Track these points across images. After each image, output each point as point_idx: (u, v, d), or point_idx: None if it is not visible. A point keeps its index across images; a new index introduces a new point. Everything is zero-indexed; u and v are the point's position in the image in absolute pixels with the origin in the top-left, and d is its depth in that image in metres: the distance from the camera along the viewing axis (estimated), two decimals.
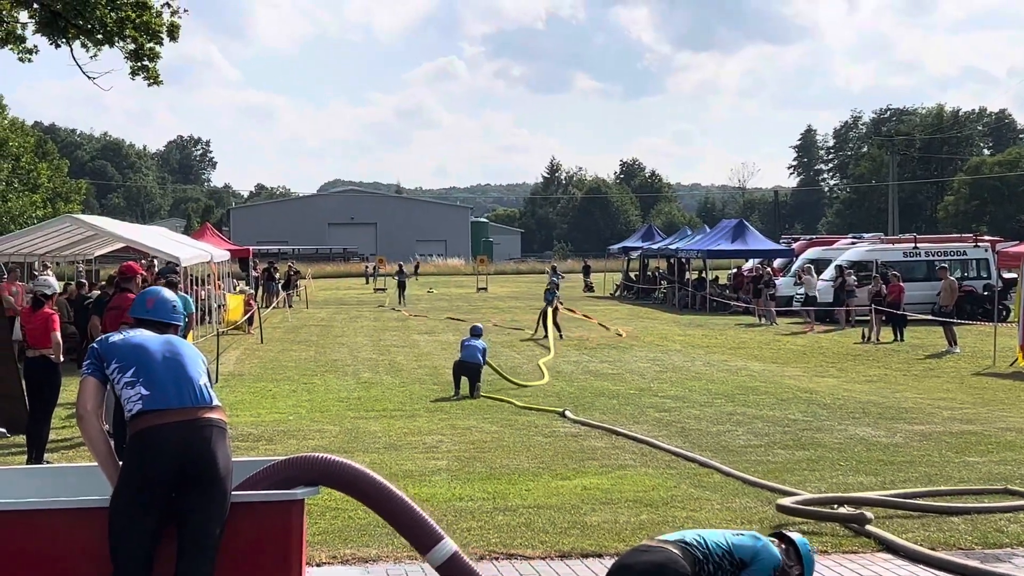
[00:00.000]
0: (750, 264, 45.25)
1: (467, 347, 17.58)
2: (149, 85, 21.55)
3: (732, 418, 14.67)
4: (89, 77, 21.13)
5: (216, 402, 5.46)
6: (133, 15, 20.92)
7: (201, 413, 5.33)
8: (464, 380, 17.23)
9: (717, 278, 44.59)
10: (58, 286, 12.43)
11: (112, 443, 5.57)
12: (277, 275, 45.72)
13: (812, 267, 34.43)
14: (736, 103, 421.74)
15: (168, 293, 6.01)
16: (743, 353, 24.44)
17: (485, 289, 55.95)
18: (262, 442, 12.80)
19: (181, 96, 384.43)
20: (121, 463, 5.32)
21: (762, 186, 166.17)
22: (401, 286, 50.11)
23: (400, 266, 54.25)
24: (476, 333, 18.22)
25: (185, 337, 5.98)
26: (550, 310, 27.99)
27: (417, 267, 76.24)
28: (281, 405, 16.20)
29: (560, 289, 50.05)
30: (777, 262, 42.79)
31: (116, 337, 5.57)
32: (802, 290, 33.93)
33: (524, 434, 13.34)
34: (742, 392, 17.54)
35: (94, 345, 5.56)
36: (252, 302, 33.64)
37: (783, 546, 6.05)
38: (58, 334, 11.80)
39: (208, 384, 5.51)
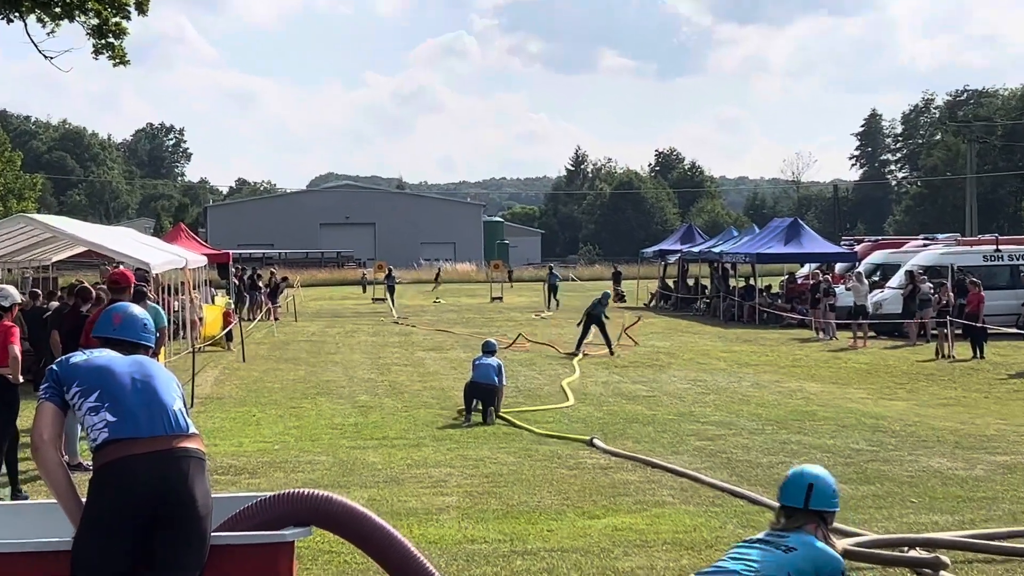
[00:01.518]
0: (805, 270, 45.13)
1: (479, 366, 17.59)
2: (115, 65, 21.66)
3: (786, 448, 14.62)
4: (46, 56, 21.24)
5: (193, 430, 5.48)
6: None
7: (176, 442, 5.35)
8: (477, 405, 17.22)
9: (769, 286, 44.49)
10: (19, 296, 12.46)
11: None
12: (261, 283, 45.84)
13: (861, 272, 34.31)
14: (788, 84, 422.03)
15: (137, 309, 6.03)
16: (798, 372, 24.37)
17: (500, 299, 55.95)
18: (244, 475, 12.82)
19: (151, 78, 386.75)
20: (84, 499, 5.34)
21: (819, 179, 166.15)
22: (391, 291, 50.77)
23: (389, 270, 54.91)
24: (489, 350, 18.22)
25: (156, 356, 6.01)
26: (602, 321, 28.34)
27: (438, 276, 75.95)
28: (266, 432, 16.22)
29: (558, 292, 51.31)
30: (837, 267, 42.67)
31: (78, 357, 5.59)
32: (867, 299, 33.79)
33: (546, 466, 13.33)
34: (797, 417, 17.49)
35: (53, 367, 5.60)
36: (232, 314, 33.72)
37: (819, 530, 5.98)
38: (17, 347, 11.82)
39: (184, 409, 5.53)
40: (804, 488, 5.91)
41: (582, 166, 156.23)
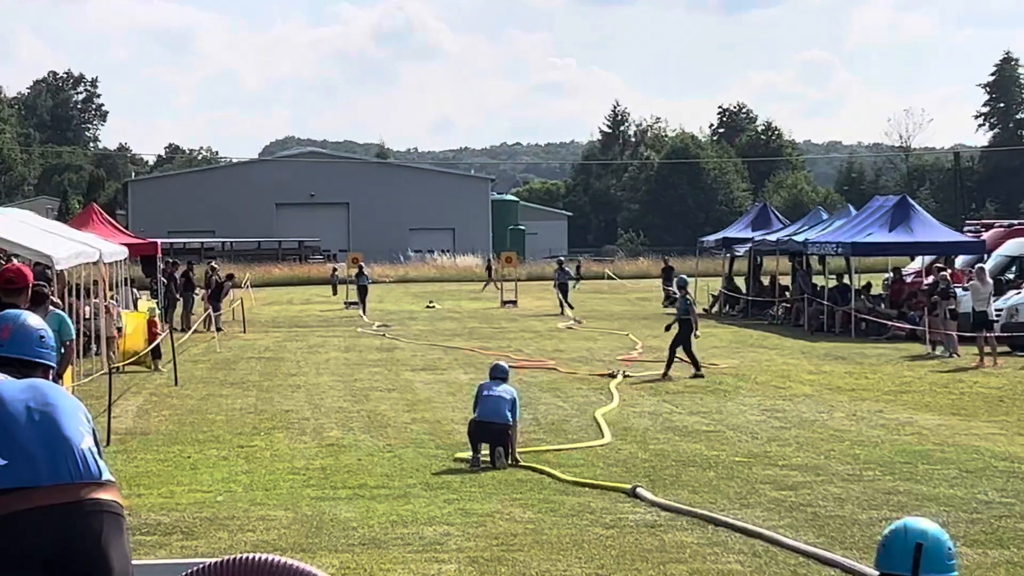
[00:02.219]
0: (917, 264, 45.00)
1: (487, 399, 17.47)
2: None
3: (892, 499, 14.59)
4: None
5: (107, 476, 5.47)
6: None
7: (85, 492, 5.34)
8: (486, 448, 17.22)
9: (869, 286, 44.41)
10: None
11: None
12: (199, 281, 45.91)
13: (984, 267, 34.18)
14: (894, 18, 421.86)
15: (33, 318, 6.03)
16: (908, 400, 24.31)
17: (514, 303, 55.88)
18: (176, 535, 12.82)
19: (54, 14, 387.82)
20: None
21: (936, 145, 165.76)
22: (362, 292, 51.12)
23: (360, 267, 55.35)
24: (500, 375, 18.14)
25: (60, 378, 6.00)
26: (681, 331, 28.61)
27: (491, 269, 73.38)
28: (205, 479, 16.22)
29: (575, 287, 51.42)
30: (959, 260, 42.51)
31: None
32: (1003, 303, 33.69)
33: (574, 524, 13.32)
34: (907, 459, 17.43)
35: None
36: (160, 323, 33.79)
37: None
38: None
39: (94, 449, 5.53)
40: (910, 550, 5.85)
41: (622, 128, 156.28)
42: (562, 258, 65.10)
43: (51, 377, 5.87)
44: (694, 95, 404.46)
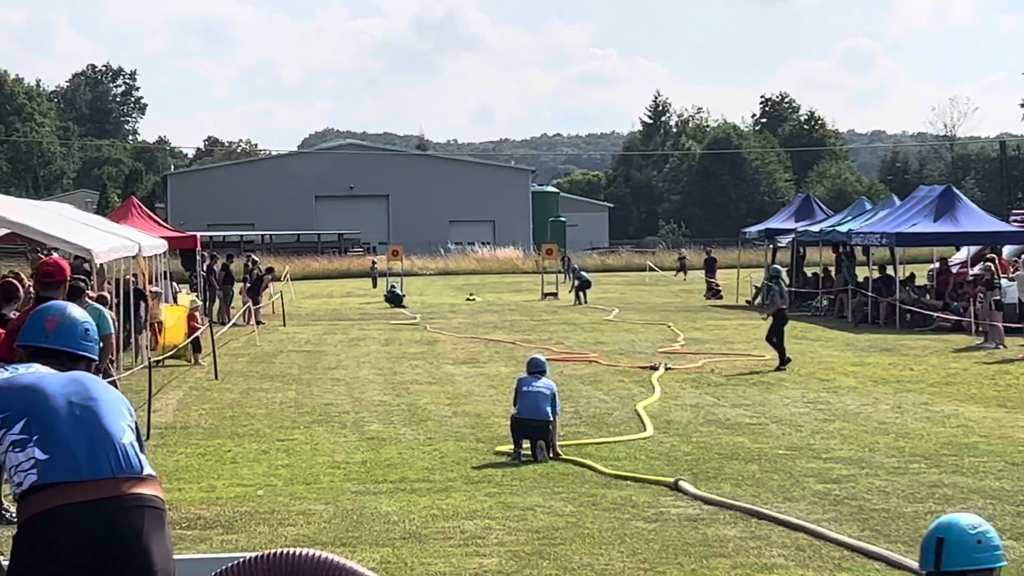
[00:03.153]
0: (962, 254, 44.79)
1: (526, 394, 17.48)
2: None
3: (937, 492, 14.54)
4: None
5: (148, 470, 5.50)
6: None
7: (126, 488, 5.37)
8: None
9: (913, 277, 44.23)
10: None
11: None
12: (238, 275, 46.04)
13: None
14: (938, 5, 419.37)
15: (77, 311, 6.05)
16: (953, 392, 24.22)
17: (555, 295, 55.92)
18: (217, 530, 12.88)
19: (93, 6, 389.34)
20: (6, 562, 5.37)
21: (981, 134, 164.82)
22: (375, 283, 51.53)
23: (374, 261, 55.59)
24: (538, 369, 18.12)
25: (99, 372, 6.03)
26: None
27: (566, 262, 70.30)
28: (245, 473, 16.28)
29: (588, 288, 51.82)
30: (1007, 251, 42.28)
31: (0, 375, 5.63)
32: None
33: (616, 517, 13.32)
34: (953, 452, 17.37)
35: None
36: (200, 317, 33.90)
37: None
38: None
39: (135, 444, 5.55)
40: (933, 545, 5.80)
41: (663, 118, 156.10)
42: (569, 256, 65.71)
43: (92, 370, 5.89)
44: (736, 84, 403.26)
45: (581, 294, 52.18)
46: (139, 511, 5.34)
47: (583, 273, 54.21)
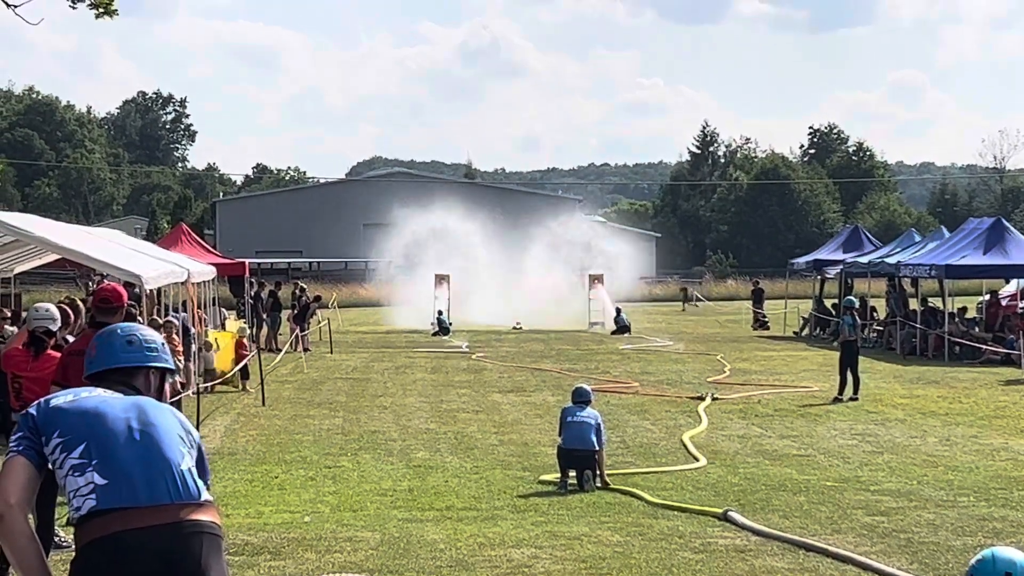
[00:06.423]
0: (1012, 287, 44.58)
1: (571, 424, 17.49)
2: (97, 17, 21.80)
3: (987, 526, 14.50)
4: (8, 4, 21.59)
5: (206, 496, 5.56)
6: None
7: (184, 514, 5.43)
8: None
9: (964, 309, 44.06)
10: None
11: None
12: (285, 302, 46.24)
13: None
14: (988, 37, 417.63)
15: (148, 330, 6.12)
16: (1003, 425, 24.10)
17: (602, 324, 55.93)
18: (264, 556, 12.96)
19: (143, 34, 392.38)
20: None
21: None
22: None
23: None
24: (582, 399, 18.12)
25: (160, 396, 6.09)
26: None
27: (686, 293, 73.21)
28: (292, 500, 16.38)
29: (627, 332, 51.83)
30: None
31: (61, 399, 5.68)
32: None
33: (663, 547, 13.33)
34: (1002, 485, 17.30)
35: (31, 410, 5.67)
36: (249, 343, 34.07)
37: None
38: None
39: (194, 470, 5.60)
40: None
41: (711, 148, 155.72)
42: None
43: (173, 382, 5.96)
44: (784, 115, 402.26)
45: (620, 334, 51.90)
46: (197, 537, 5.38)
47: (623, 316, 53.97)
